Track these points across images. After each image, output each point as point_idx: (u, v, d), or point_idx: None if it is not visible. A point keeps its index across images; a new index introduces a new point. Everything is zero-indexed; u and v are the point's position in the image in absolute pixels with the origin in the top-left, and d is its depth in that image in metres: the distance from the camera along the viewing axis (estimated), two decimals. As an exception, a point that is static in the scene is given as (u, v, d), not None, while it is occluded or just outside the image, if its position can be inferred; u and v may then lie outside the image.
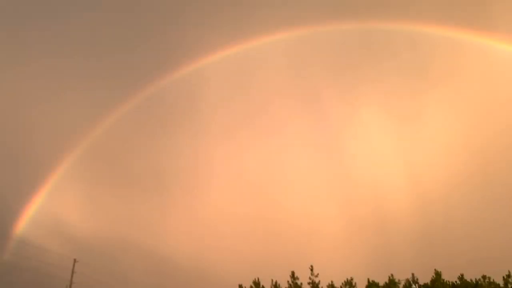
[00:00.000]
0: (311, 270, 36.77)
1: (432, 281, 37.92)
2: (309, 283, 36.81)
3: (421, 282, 38.54)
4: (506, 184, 53.48)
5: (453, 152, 58.24)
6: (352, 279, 37.82)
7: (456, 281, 38.21)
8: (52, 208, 53.35)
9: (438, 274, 38.01)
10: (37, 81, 60.97)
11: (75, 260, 42.70)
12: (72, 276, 41.97)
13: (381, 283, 37.77)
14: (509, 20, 54.13)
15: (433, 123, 61.02)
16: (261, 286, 37.44)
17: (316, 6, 61.69)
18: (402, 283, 38.25)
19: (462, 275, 38.27)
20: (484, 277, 37.49)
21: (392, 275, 38.15)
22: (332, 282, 37.89)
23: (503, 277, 37.14)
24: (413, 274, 38.95)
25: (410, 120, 62.54)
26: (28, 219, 48.85)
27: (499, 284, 36.91)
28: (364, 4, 61.11)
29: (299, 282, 37.00)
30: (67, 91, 62.04)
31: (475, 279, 37.77)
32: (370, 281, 37.86)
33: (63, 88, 62.37)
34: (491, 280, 37.04)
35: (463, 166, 56.29)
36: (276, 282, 37.45)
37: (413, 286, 38.37)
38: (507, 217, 51.23)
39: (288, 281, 37.18)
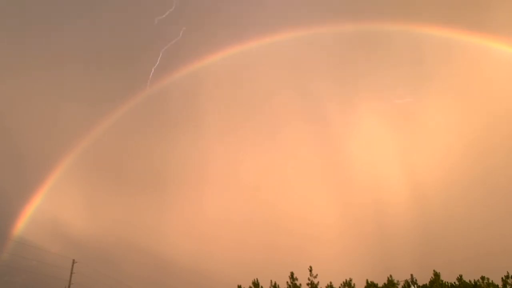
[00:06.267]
0: (310, 271, 36.76)
1: (431, 282, 37.91)
2: (308, 284, 36.78)
3: (420, 283, 38.59)
4: (505, 182, 53.78)
5: (453, 154, 58.35)
6: (351, 280, 37.81)
7: (455, 282, 38.24)
8: (51, 209, 53.39)
9: (437, 275, 37.98)
10: (37, 82, 61.11)
11: (73, 261, 42.63)
12: (71, 276, 41.90)
13: (380, 284, 37.81)
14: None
15: (431, 122, 61.17)
16: (260, 286, 37.43)
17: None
18: (401, 284, 38.26)
19: (461, 276, 38.28)
20: (483, 278, 37.49)
21: (391, 275, 38.21)
22: (331, 283, 37.96)
23: (502, 278, 37.15)
24: (412, 275, 38.97)
25: (409, 121, 62.70)
26: (27, 220, 48.85)
27: (497, 286, 36.87)
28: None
29: (298, 283, 36.99)
30: (66, 92, 62.15)
31: (474, 280, 37.77)
32: (369, 282, 37.88)
33: (62, 89, 62.48)
34: (490, 281, 37.04)
35: (463, 170, 56.45)
36: (275, 283, 37.45)
37: (412, 287, 38.36)
38: (505, 214, 51.51)
39: (287, 282, 37.18)
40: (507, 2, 59.64)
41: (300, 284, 36.97)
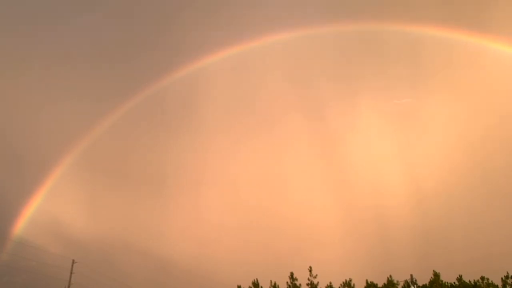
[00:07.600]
0: (310, 271, 36.76)
1: (431, 282, 37.86)
2: (308, 284, 36.77)
3: (420, 283, 38.56)
4: (505, 183, 53.76)
5: (453, 155, 58.30)
6: (350, 280, 37.80)
7: (454, 282, 38.18)
8: (51, 209, 53.39)
9: (436, 275, 37.93)
10: (37, 82, 61.16)
11: (73, 261, 42.65)
12: (70, 276, 41.92)
13: (380, 284, 37.79)
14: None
15: (432, 123, 61.17)
16: (260, 287, 37.41)
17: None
18: (401, 284, 38.22)
19: (460, 276, 38.23)
20: (482, 278, 37.44)
21: (390, 276, 38.20)
22: (330, 283, 37.96)
23: (502, 278, 37.10)
24: (411, 275, 38.94)
25: (409, 121, 62.68)
26: (27, 220, 48.87)
27: (497, 286, 36.81)
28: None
29: (298, 283, 36.99)
30: (66, 92, 62.20)
31: (474, 280, 37.72)
32: (369, 282, 37.85)
33: (61, 89, 62.55)
34: (490, 282, 36.98)
35: (464, 171, 56.46)
36: (275, 283, 37.43)
37: (412, 287, 38.32)
38: (505, 215, 51.50)
39: (287, 282, 37.19)
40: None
41: (300, 284, 37.00)
